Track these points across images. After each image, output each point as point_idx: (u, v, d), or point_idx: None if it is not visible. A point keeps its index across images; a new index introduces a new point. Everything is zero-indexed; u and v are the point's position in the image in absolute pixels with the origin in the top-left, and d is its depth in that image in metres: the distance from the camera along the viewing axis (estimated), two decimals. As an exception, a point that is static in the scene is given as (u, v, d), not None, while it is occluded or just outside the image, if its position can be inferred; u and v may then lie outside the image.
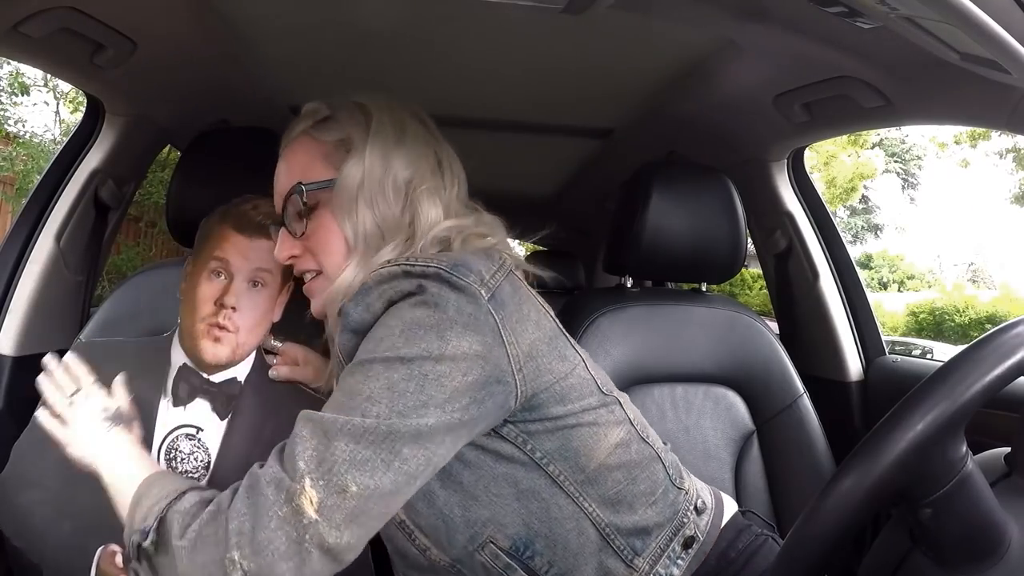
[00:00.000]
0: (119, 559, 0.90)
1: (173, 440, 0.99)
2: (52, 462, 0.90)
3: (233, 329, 0.98)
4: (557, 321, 0.83)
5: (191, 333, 0.99)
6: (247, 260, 0.99)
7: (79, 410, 0.83)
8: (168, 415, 1.00)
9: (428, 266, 0.72)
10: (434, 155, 0.85)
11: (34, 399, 1.17)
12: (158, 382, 1.00)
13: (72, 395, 0.84)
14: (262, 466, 0.69)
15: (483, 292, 0.72)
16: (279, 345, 1.07)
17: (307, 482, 0.64)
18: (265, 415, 1.01)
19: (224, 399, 1.00)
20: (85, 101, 1.44)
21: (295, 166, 0.85)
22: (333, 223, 0.81)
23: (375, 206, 0.79)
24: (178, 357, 1.02)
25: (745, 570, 0.87)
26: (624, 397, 0.90)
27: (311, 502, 0.63)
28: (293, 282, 1.01)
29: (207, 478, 0.98)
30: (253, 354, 1.04)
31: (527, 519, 0.78)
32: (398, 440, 0.66)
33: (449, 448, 0.71)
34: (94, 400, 0.85)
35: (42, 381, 0.86)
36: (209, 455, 0.99)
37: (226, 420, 1.00)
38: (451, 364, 0.69)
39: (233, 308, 0.98)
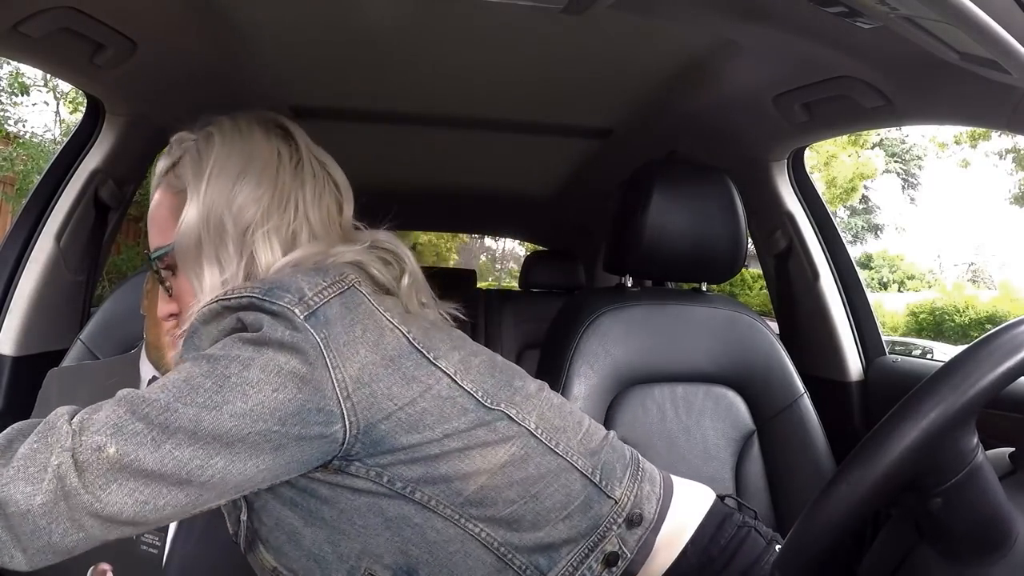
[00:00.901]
0: None
1: None
2: None
3: None
4: (411, 337, 0.73)
5: (156, 345, 0.98)
6: None
7: None
8: None
9: (242, 296, 0.68)
10: (280, 188, 0.77)
11: (34, 399, 1.18)
12: None
13: None
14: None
15: (298, 312, 0.66)
16: None
17: (89, 426, 0.61)
18: None
19: None
20: (85, 101, 1.44)
21: (153, 227, 0.82)
22: (187, 281, 0.77)
23: (213, 261, 0.75)
24: (147, 371, 1.01)
25: (729, 567, 0.83)
26: (535, 403, 0.80)
27: (84, 454, 0.60)
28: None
29: None
30: None
31: (403, 547, 0.72)
32: (172, 429, 0.61)
33: (252, 471, 0.64)
34: None
35: None
36: None
37: None
38: (260, 374, 0.64)
39: None
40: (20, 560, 0.60)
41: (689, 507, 0.86)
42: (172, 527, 0.92)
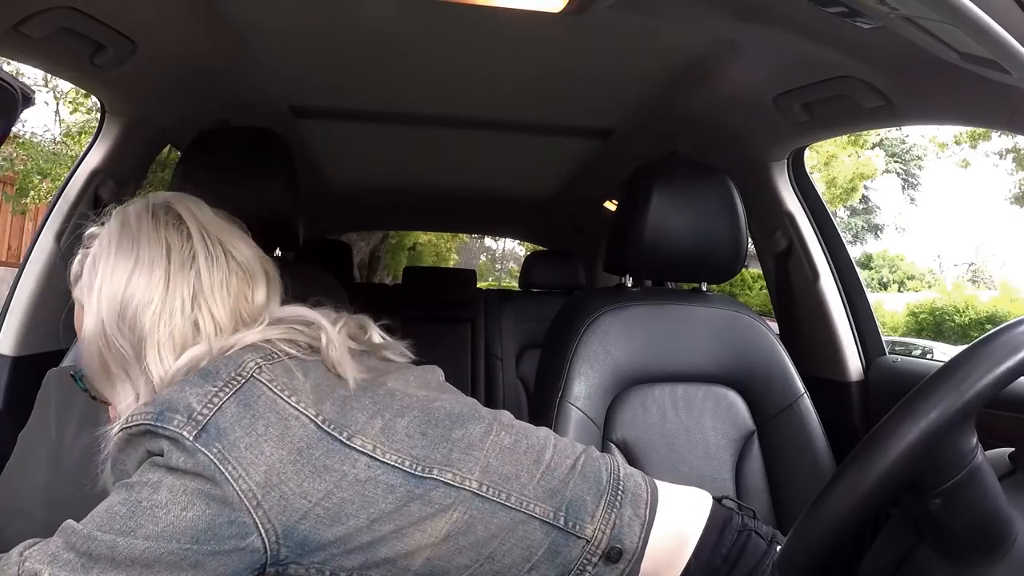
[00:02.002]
0: None
1: None
2: (38, 487, 0.88)
3: None
4: (319, 421, 0.69)
5: None
6: None
7: None
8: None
9: (139, 424, 0.67)
10: (170, 289, 0.74)
11: (34, 399, 1.17)
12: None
13: None
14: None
15: (187, 433, 0.65)
16: None
17: (25, 561, 0.64)
18: None
19: None
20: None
21: (78, 335, 0.81)
22: (108, 397, 0.77)
23: (125, 378, 0.74)
24: None
25: (732, 574, 0.81)
26: (479, 454, 0.74)
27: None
28: None
29: None
30: None
31: None
32: (95, 556, 0.63)
33: None
34: None
35: None
36: None
37: None
38: (169, 495, 0.64)
39: None
40: None
41: (688, 519, 0.83)
42: None
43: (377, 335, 0.84)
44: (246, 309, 0.77)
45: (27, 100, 1.10)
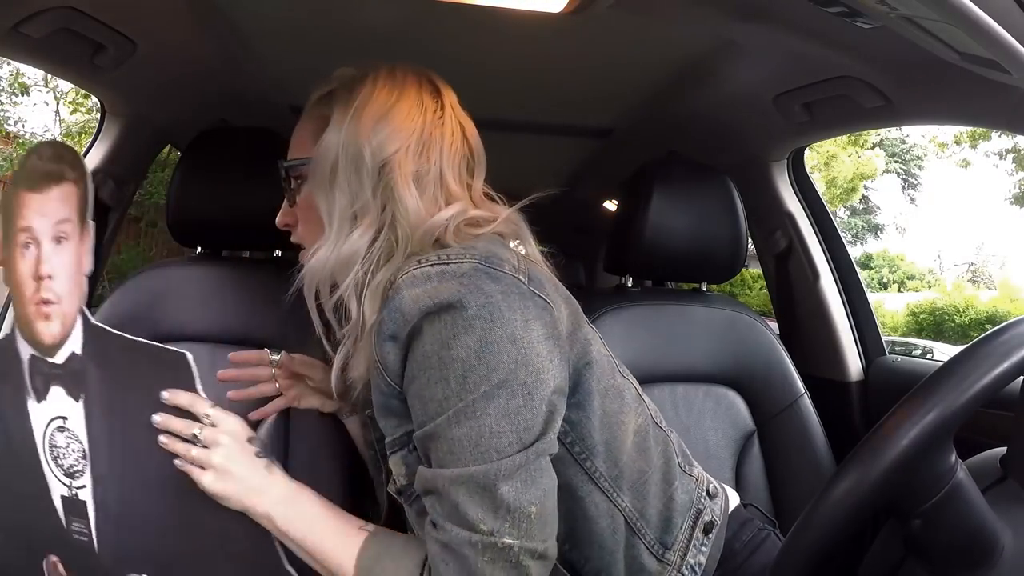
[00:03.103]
0: (62, 568, 0.88)
1: (50, 438, 0.92)
2: None
3: (56, 299, 0.90)
4: (574, 305, 0.82)
5: (24, 319, 0.92)
6: (46, 217, 0.90)
7: (230, 452, 0.78)
8: (37, 414, 0.92)
9: (463, 262, 0.69)
10: (422, 133, 0.78)
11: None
12: (18, 383, 0.93)
13: (203, 432, 0.78)
14: (436, 526, 0.68)
15: (521, 277, 0.71)
16: (277, 359, 1.02)
17: (495, 528, 0.65)
18: (112, 387, 0.91)
19: (71, 378, 0.91)
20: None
21: (294, 142, 0.86)
22: (312, 200, 0.79)
23: (345, 187, 0.76)
24: (25, 350, 0.94)
25: (748, 563, 0.87)
26: (633, 381, 0.89)
27: (510, 537, 0.65)
28: (94, 222, 0.93)
29: (88, 467, 0.91)
30: (80, 320, 0.93)
31: (565, 516, 0.75)
32: (540, 449, 0.67)
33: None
34: (232, 431, 0.79)
35: (166, 422, 0.80)
36: (82, 443, 0.91)
37: (81, 401, 0.91)
38: (530, 351, 0.67)
39: (49, 276, 0.89)
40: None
41: (718, 501, 0.91)
42: (91, 515, 0.90)
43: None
44: (470, 189, 0.83)
45: None
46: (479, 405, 0.66)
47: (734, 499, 0.94)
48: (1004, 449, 0.72)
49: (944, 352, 8.15)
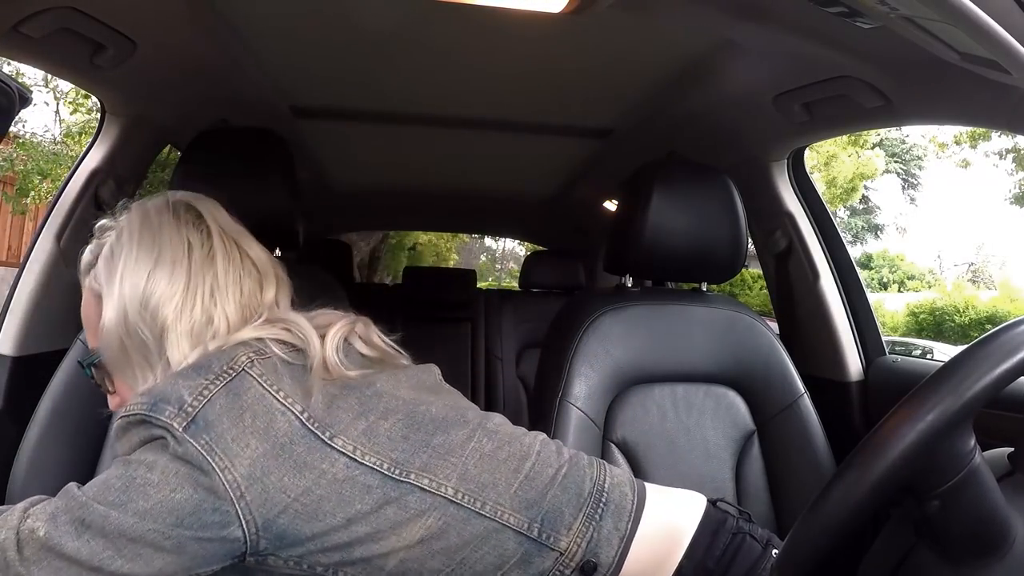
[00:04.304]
0: None
1: None
2: None
3: None
4: (304, 418, 0.71)
5: None
6: None
7: None
8: None
9: (135, 413, 0.70)
10: (188, 282, 0.77)
11: (34, 399, 1.17)
12: None
13: None
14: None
15: (177, 424, 0.67)
16: None
17: (27, 518, 0.68)
18: None
19: None
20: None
21: (86, 328, 0.84)
22: (124, 384, 0.80)
23: (145, 365, 0.77)
24: None
25: None
26: (457, 460, 0.75)
27: (20, 529, 0.67)
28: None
29: None
30: None
31: None
32: (87, 523, 0.66)
33: (158, 565, 0.67)
34: None
35: None
36: None
37: None
38: (161, 476, 0.67)
39: None
40: None
41: (681, 521, 0.83)
42: None
43: (376, 336, 0.85)
44: (255, 308, 0.80)
45: (24, 100, 1.10)
46: (111, 469, 0.70)
47: (700, 505, 0.85)
48: (1011, 448, 0.72)
49: (944, 352, 8.15)
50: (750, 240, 1.44)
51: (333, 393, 0.74)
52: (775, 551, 0.83)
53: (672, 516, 0.83)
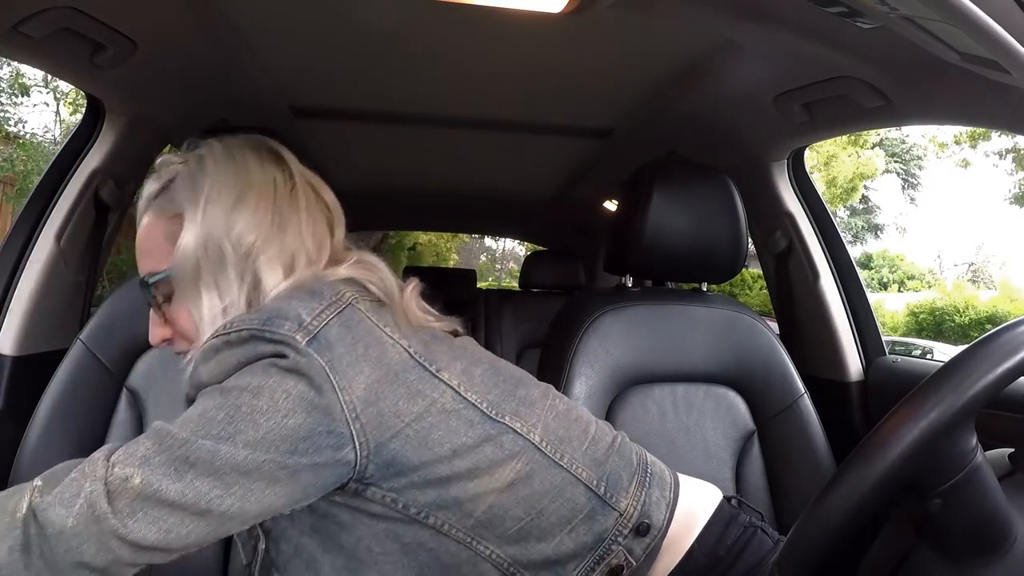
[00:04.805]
0: None
1: None
2: None
3: None
4: (412, 351, 0.73)
5: None
6: None
7: None
8: None
9: (241, 330, 0.68)
10: (274, 213, 0.77)
11: (34, 399, 1.17)
12: None
13: None
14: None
15: (300, 338, 0.67)
16: None
17: (115, 465, 0.64)
18: None
19: None
20: (85, 101, 1.44)
21: (144, 253, 0.81)
22: (183, 307, 0.77)
23: (212, 286, 0.75)
24: None
25: (735, 567, 0.85)
26: (539, 412, 0.79)
27: (109, 480, 0.63)
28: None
29: None
30: None
31: (420, 571, 0.73)
32: (192, 461, 0.63)
33: (271, 498, 0.66)
34: None
35: None
36: None
37: None
38: (270, 402, 0.65)
39: None
40: None
41: (696, 507, 0.87)
42: None
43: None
44: (330, 246, 0.81)
45: None
46: (201, 398, 0.67)
47: (715, 497, 0.90)
48: (1012, 449, 0.72)
49: (944, 352, 8.15)
50: (750, 240, 1.44)
51: (425, 339, 0.77)
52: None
53: (688, 502, 0.87)
